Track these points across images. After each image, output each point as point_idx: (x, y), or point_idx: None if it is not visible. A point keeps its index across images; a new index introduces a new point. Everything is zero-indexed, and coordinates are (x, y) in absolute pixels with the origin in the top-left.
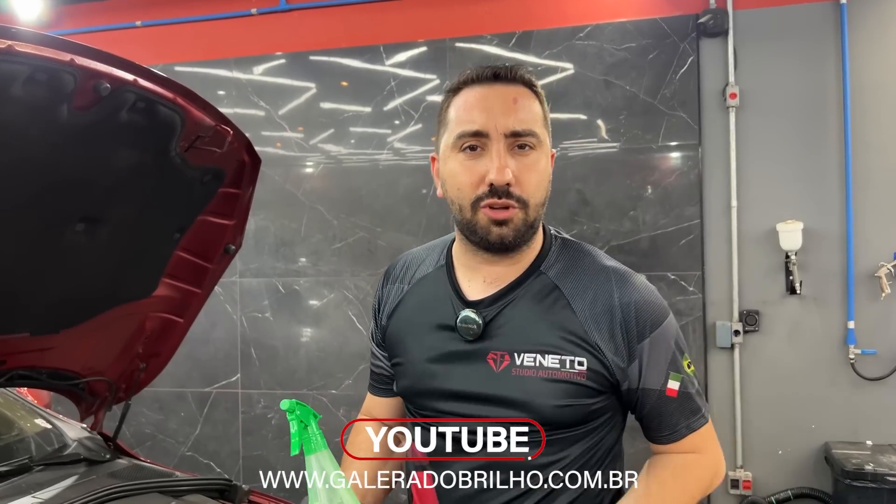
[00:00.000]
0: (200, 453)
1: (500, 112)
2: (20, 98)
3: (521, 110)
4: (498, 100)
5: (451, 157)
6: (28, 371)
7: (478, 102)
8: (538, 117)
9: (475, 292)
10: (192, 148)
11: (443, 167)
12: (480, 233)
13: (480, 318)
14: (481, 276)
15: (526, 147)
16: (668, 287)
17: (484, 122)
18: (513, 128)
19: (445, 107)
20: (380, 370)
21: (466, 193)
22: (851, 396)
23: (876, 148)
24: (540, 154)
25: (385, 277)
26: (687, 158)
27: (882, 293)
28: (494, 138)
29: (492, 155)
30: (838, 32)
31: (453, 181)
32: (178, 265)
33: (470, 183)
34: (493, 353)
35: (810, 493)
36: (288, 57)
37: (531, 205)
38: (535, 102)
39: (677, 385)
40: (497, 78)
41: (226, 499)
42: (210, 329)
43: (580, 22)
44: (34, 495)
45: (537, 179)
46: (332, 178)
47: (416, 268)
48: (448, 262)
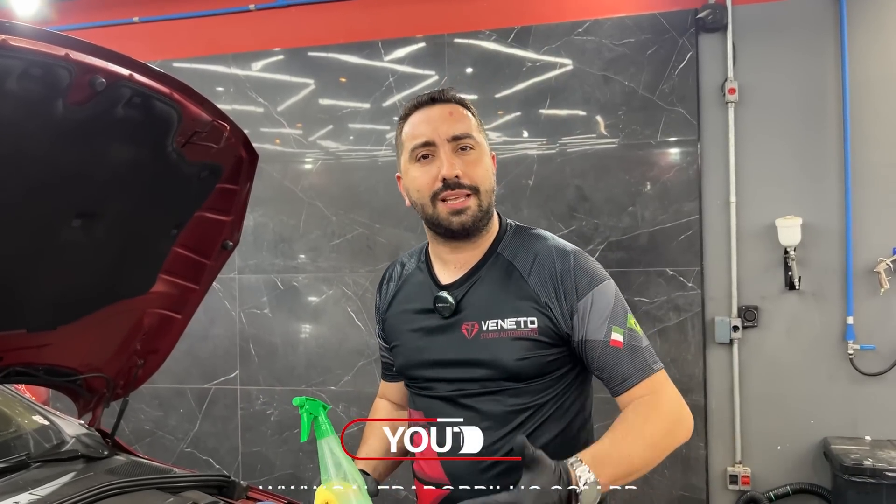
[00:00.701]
0: (199, 450)
1: (440, 123)
2: (15, 93)
3: (458, 120)
4: (437, 115)
5: (410, 168)
6: (25, 368)
7: (422, 121)
8: (473, 125)
9: (447, 277)
10: (188, 143)
11: (405, 178)
12: (443, 223)
13: (452, 298)
14: (451, 264)
15: (467, 148)
16: (667, 283)
17: (429, 132)
18: (453, 132)
19: (399, 132)
20: (386, 360)
21: (425, 192)
22: (850, 392)
23: (875, 143)
24: (480, 153)
25: (381, 281)
26: (686, 154)
27: (881, 289)
28: (440, 144)
29: (440, 157)
30: (837, 27)
31: (414, 186)
32: (175, 261)
33: (427, 183)
34: (465, 324)
35: (809, 488)
36: (286, 53)
37: (482, 190)
38: (467, 115)
39: (621, 337)
40: (434, 100)
41: (224, 495)
42: (209, 325)
43: (579, 17)
44: (32, 492)
45: (482, 170)
46: (330, 174)
47: (403, 269)
48: (427, 259)
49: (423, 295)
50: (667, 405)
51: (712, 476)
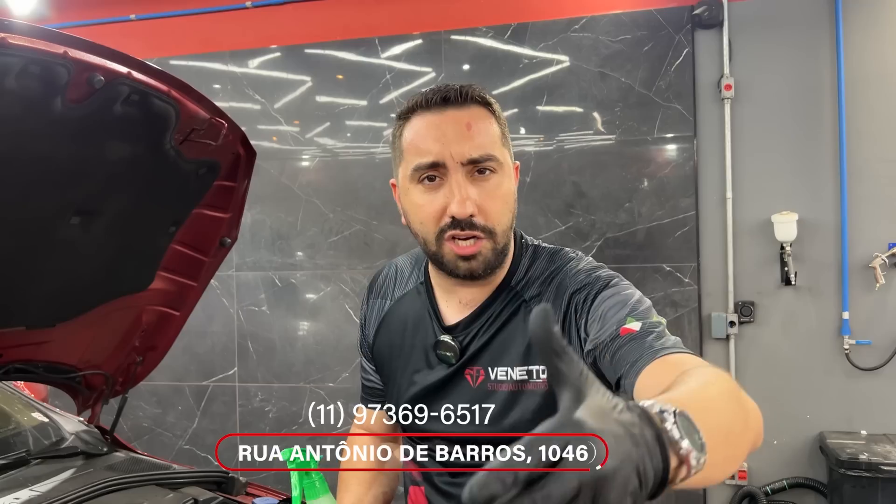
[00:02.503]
0: (198, 447)
1: (454, 140)
2: (13, 91)
3: (477, 135)
4: (451, 126)
5: (411, 189)
6: (24, 365)
7: (430, 131)
8: (496, 138)
9: (452, 314)
10: (186, 141)
11: (403, 198)
12: (448, 266)
13: (457, 344)
14: (457, 298)
15: (486, 171)
16: (664, 279)
17: (439, 151)
18: (469, 155)
19: (398, 134)
20: (371, 384)
21: (429, 227)
22: (846, 386)
23: (870, 138)
24: (502, 177)
25: (369, 290)
26: (682, 150)
27: (876, 284)
28: (451, 168)
29: (451, 186)
30: (832, 23)
31: (415, 214)
32: (173, 258)
33: (431, 216)
34: (469, 370)
35: (805, 482)
36: (283, 50)
37: (498, 232)
38: (491, 122)
39: (637, 325)
40: (447, 102)
41: (223, 491)
42: (207, 323)
43: (575, 14)
44: (32, 488)
45: (501, 205)
46: (328, 171)
47: (397, 283)
48: (427, 280)
49: (422, 331)
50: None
51: None
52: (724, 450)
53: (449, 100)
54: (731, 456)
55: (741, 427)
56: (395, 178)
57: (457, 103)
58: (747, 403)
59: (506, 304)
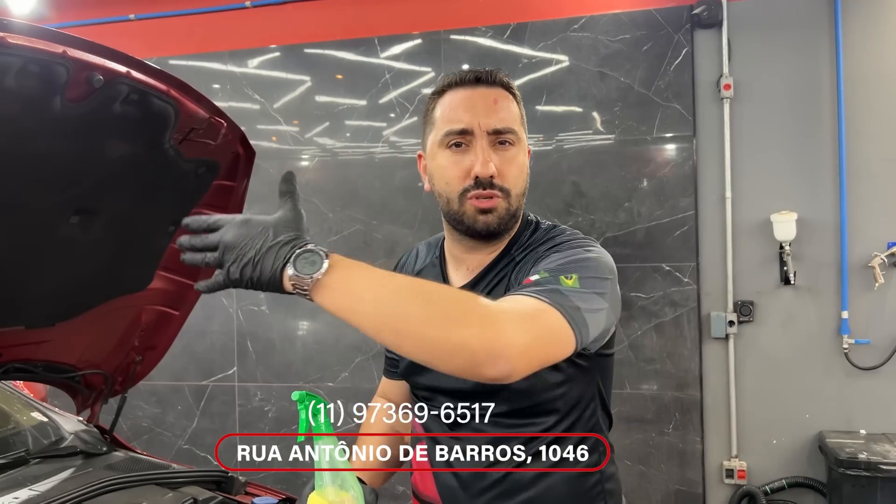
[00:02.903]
0: (197, 446)
1: (482, 112)
2: (12, 90)
3: (502, 110)
4: (480, 100)
5: (439, 153)
6: (24, 364)
7: (462, 103)
8: (516, 117)
9: (459, 278)
10: (186, 140)
11: (430, 163)
12: (467, 221)
13: None
14: (465, 266)
15: (506, 143)
16: (663, 278)
17: (469, 120)
18: (494, 126)
19: (432, 108)
20: (391, 354)
21: (454, 186)
22: (845, 386)
23: (869, 138)
24: (519, 150)
25: (395, 268)
26: (681, 150)
27: (875, 283)
28: (478, 135)
29: (476, 151)
30: (832, 23)
31: (441, 175)
32: (173, 258)
33: (457, 176)
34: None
35: (804, 482)
36: (282, 50)
37: (513, 194)
38: (513, 103)
39: (536, 277)
40: (479, 81)
41: (223, 490)
42: (206, 322)
43: (575, 13)
44: (31, 487)
45: (517, 171)
46: (327, 171)
47: (417, 261)
48: (441, 255)
49: None
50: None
51: (708, 470)
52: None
53: (480, 79)
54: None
55: (412, 314)
56: (423, 149)
57: (487, 82)
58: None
59: (502, 268)
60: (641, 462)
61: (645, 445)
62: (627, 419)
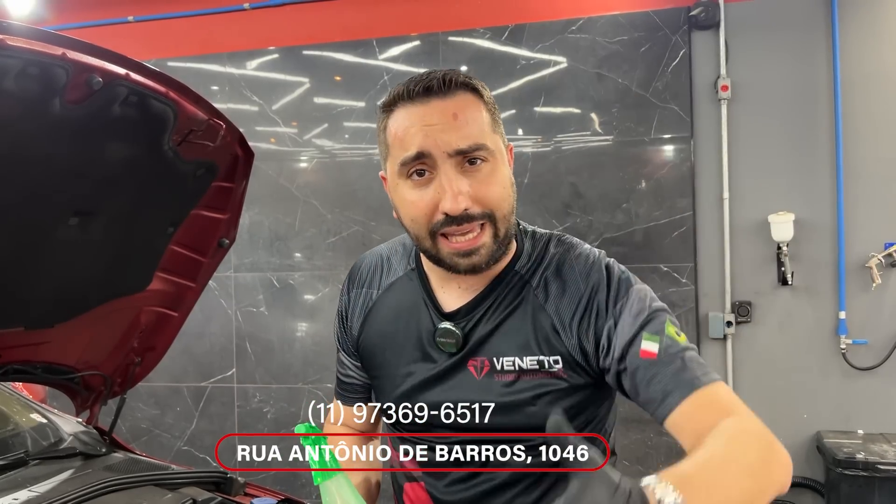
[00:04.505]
0: (196, 448)
1: (440, 130)
2: (12, 92)
3: (465, 125)
4: (436, 117)
5: (399, 185)
6: (23, 365)
7: (413, 123)
8: (485, 126)
9: (451, 300)
10: (185, 142)
11: (392, 193)
12: (447, 263)
13: (460, 331)
14: (455, 283)
15: (477, 161)
16: (661, 279)
17: (423, 144)
18: (457, 146)
19: (382, 126)
20: (352, 380)
21: (422, 224)
22: (843, 386)
23: (867, 139)
24: (495, 163)
25: (349, 281)
26: (679, 151)
27: (873, 283)
28: (439, 159)
29: (440, 181)
30: (829, 24)
31: (405, 211)
32: (172, 259)
33: (423, 213)
34: (473, 360)
35: (802, 482)
36: (281, 51)
37: (499, 217)
38: (479, 109)
39: (655, 348)
40: (430, 92)
41: (222, 491)
42: (205, 323)
43: (572, 15)
44: (30, 489)
45: (499, 189)
46: (326, 172)
47: (384, 272)
48: (419, 266)
49: (418, 319)
50: (756, 432)
51: None
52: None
53: (432, 89)
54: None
55: (751, 492)
56: (384, 172)
57: (440, 93)
58: (772, 463)
59: (510, 289)
60: (640, 462)
61: (643, 446)
62: (626, 419)
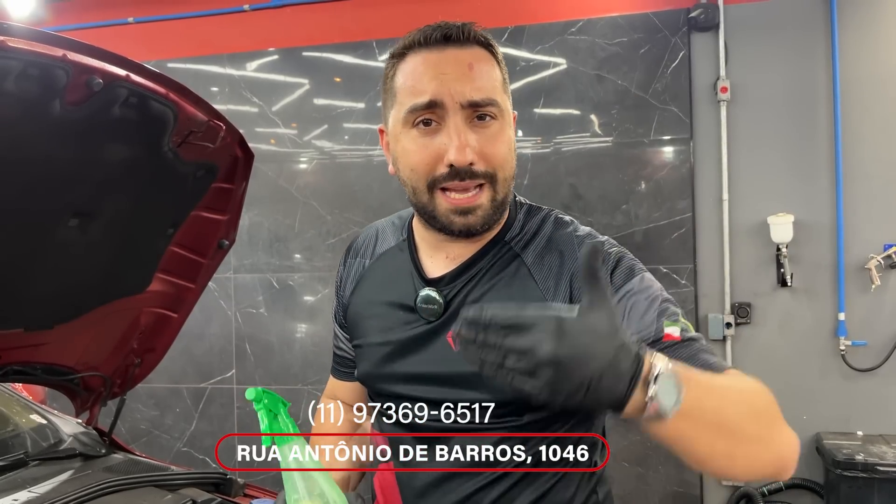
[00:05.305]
0: (196, 449)
1: (454, 79)
2: (12, 93)
3: (479, 77)
4: (451, 66)
5: (403, 134)
6: (23, 366)
7: (428, 70)
8: (497, 83)
9: (436, 268)
10: (184, 143)
11: (394, 144)
12: (441, 220)
13: (441, 298)
14: (444, 253)
15: (486, 118)
16: (661, 280)
17: (437, 91)
18: (471, 97)
19: (391, 74)
20: (342, 353)
21: (421, 174)
22: (842, 387)
23: (866, 140)
24: (503, 123)
25: (347, 252)
26: (679, 152)
27: (872, 285)
28: (451, 109)
29: (449, 130)
30: (828, 26)
31: (406, 160)
32: (172, 260)
33: (425, 163)
34: (453, 332)
35: (802, 483)
36: (280, 53)
37: (500, 178)
38: (493, 66)
39: (677, 331)
40: (448, 40)
41: (221, 492)
42: (204, 325)
43: (572, 17)
44: (30, 490)
45: (504, 150)
46: (325, 173)
47: (378, 241)
48: (410, 236)
49: (402, 286)
50: (765, 394)
51: None
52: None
53: (450, 38)
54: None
55: (747, 431)
56: (385, 125)
57: (458, 42)
58: (775, 426)
59: (498, 259)
60: (639, 464)
61: (643, 447)
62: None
